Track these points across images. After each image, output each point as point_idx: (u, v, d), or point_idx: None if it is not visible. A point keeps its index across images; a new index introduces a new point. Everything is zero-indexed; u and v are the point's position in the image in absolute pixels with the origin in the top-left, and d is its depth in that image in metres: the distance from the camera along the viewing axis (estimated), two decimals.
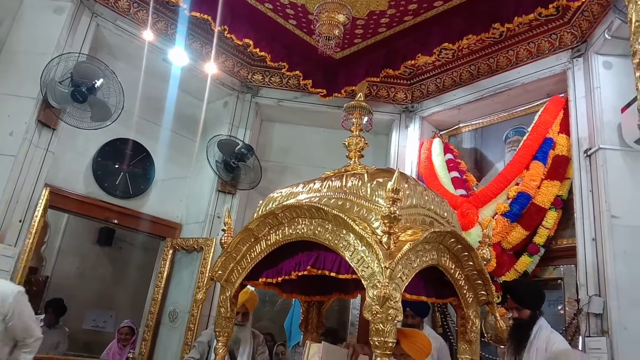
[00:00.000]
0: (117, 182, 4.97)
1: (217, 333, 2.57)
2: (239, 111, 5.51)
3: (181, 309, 4.79)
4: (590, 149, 4.01)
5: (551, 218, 4.23)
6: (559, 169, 4.30)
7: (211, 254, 4.77)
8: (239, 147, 5.28)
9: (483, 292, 2.35)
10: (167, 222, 5.24)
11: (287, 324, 5.22)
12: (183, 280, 4.94)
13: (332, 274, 2.24)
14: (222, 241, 2.63)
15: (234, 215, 5.08)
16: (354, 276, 2.11)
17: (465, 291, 2.31)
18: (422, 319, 3.83)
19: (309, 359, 2.52)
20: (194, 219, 5.27)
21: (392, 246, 1.94)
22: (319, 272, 2.29)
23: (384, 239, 1.94)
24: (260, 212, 2.55)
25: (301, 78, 5.26)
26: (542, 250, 4.23)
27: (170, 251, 5.02)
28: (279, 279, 2.47)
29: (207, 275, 4.54)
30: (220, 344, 2.58)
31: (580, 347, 3.56)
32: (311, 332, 3.16)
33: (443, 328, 4.49)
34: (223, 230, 2.70)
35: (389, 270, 1.88)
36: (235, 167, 5.19)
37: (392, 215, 1.92)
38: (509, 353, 3.12)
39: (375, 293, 1.88)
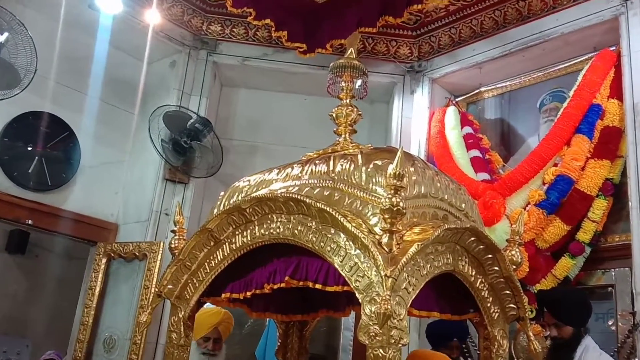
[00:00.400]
0: (29, 171, 4.91)
1: None
2: (191, 74, 5.47)
3: (120, 335, 4.78)
4: None
5: (599, 208, 4.31)
6: (609, 144, 4.37)
7: (158, 262, 4.76)
8: (192, 121, 5.25)
9: (512, 305, 2.37)
10: (98, 221, 5.21)
11: (260, 351, 5.26)
12: (121, 297, 4.92)
13: (317, 286, 2.24)
14: (172, 246, 2.62)
15: (188, 212, 5.07)
16: (345, 288, 2.12)
17: (489, 304, 2.34)
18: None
19: None
20: (133, 217, 5.25)
21: (394, 248, 1.94)
22: (300, 284, 2.30)
23: (384, 240, 1.95)
24: (222, 207, 2.54)
25: (273, 29, 5.23)
26: (588, 250, 4.31)
27: (104, 260, 5.01)
28: (248, 293, 2.47)
29: (153, 290, 4.54)
30: None
31: None
32: None
33: (462, 353, 4.57)
34: (173, 231, 2.69)
35: (390, 279, 1.89)
36: (188, 147, 5.17)
37: (395, 209, 1.93)
38: None
39: (373, 309, 1.89)
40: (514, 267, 2.36)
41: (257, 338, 5.25)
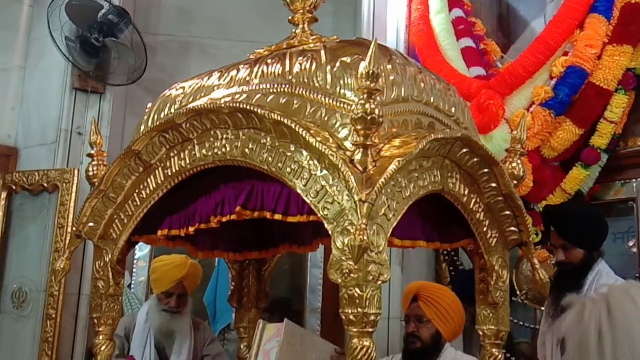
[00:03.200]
0: None
1: (96, 321, 2.63)
2: None
3: (32, 287, 4.81)
4: None
5: (618, 106, 4.39)
6: (631, 25, 4.40)
7: (72, 195, 4.74)
8: (103, 12, 5.10)
9: (513, 229, 2.46)
10: None
11: (209, 297, 5.38)
12: (30, 240, 4.92)
13: (277, 217, 2.29)
14: (90, 174, 2.62)
15: (106, 130, 5.01)
16: (311, 218, 2.17)
17: (485, 228, 2.42)
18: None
19: (262, 346, 2.64)
20: (37, 138, 5.18)
21: (369, 166, 1.97)
22: (255, 214, 2.34)
23: (357, 156, 1.97)
24: (150, 123, 2.53)
25: None
26: (604, 158, 4.42)
27: (3, 194, 4.96)
28: (191, 229, 2.50)
29: (69, 230, 4.55)
30: (102, 337, 2.64)
31: None
32: (248, 307, 3.28)
33: (452, 285, 4.72)
34: (90, 155, 2.68)
35: (366, 204, 1.92)
36: (101, 46, 5.04)
37: (369, 117, 1.94)
38: (547, 314, 3.34)
39: (346, 241, 1.94)
40: (515, 182, 2.44)
41: (204, 283, 5.34)
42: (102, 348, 2.65)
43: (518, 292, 4.48)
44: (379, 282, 1.98)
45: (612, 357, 2.69)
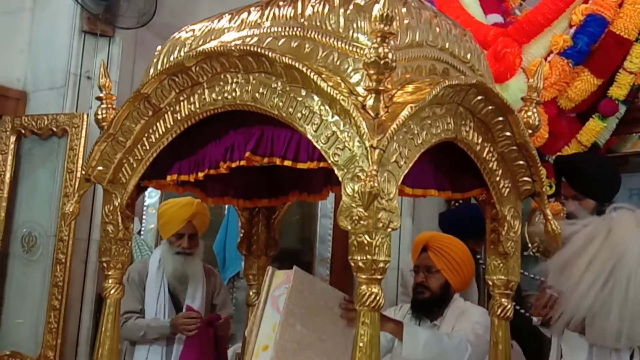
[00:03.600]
0: None
1: (105, 265, 2.66)
2: None
3: (42, 232, 4.87)
4: None
5: (638, 56, 4.33)
6: None
7: (82, 139, 4.76)
8: None
9: (526, 179, 2.45)
10: (0, 89, 5.12)
11: (219, 246, 5.43)
12: (39, 185, 4.96)
13: (287, 163, 2.28)
14: (99, 117, 2.62)
15: (116, 73, 5.01)
16: (321, 164, 2.17)
17: (498, 178, 2.41)
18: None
19: (271, 292, 2.66)
20: (46, 82, 5.18)
21: (382, 112, 1.96)
22: (265, 160, 2.34)
23: (369, 102, 1.96)
24: (160, 66, 2.52)
25: None
26: (622, 109, 4.39)
27: (12, 138, 4.99)
28: (200, 174, 2.50)
29: (79, 174, 4.57)
30: (111, 281, 2.67)
31: None
32: (257, 255, 3.30)
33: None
34: (99, 98, 2.67)
35: (377, 151, 1.92)
36: None
37: (382, 62, 1.92)
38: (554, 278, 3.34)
39: (356, 188, 1.94)
40: (530, 131, 2.42)
41: (214, 231, 5.39)
42: (112, 292, 2.68)
43: (530, 246, 4.50)
44: (389, 230, 1.99)
45: (614, 286, 2.73)
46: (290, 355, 2.52)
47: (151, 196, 5.38)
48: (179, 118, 2.44)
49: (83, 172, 2.67)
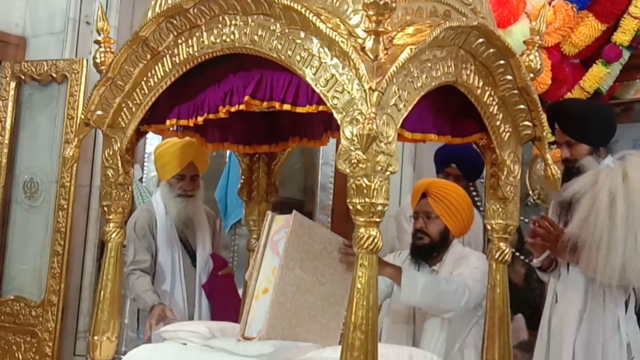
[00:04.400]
0: None
1: (106, 209, 2.68)
2: None
3: (43, 178, 4.89)
4: None
5: None
6: None
7: (82, 85, 4.74)
8: None
9: (527, 123, 2.45)
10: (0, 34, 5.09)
11: (220, 193, 5.44)
12: (40, 131, 4.96)
13: (286, 107, 2.28)
14: (98, 61, 2.61)
15: (115, 18, 4.95)
16: (320, 108, 2.16)
17: (499, 122, 2.41)
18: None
19: (270, 237, 2.68)
20: (45, 27, 5.13)
21: (381, 54, 1.95)
22: (264, 104, 2.33)
23: (369, 44, 1.95)
24: (157, 9, 2.48)
25: None
26: (627, 55, 4.35)
27: (12, 84, 4.97)
28: (200, 118, 2.51)
29: (79, 120, 4.56)
30: (112, 225, 2.70)
31: None
32: (258, 201, 3.32)
33: (466, 187, 4.75)
34: (97, 42, 2.66)
35: (376, 93, 1.92)
36: None
37: (382, 3, 1.90)
38: (553, 214, 3.35)
39: (355, 131, 1.94)
40: (532, 75, 2.41)
41: (214, 179, 5.40)
42: (113, 236, 2.71)
43: (530, 192, 4.51)
44: (388, 173, 1.99)
45: (624, 222, 2.75)
46: (289, 298, 2.55)
47: (152, 143, 5.37)
48: (177, 61, 2.43)
49: (82, 117, 2.67)
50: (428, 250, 3.21)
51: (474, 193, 4.72)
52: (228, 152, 5.02)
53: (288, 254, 2.55)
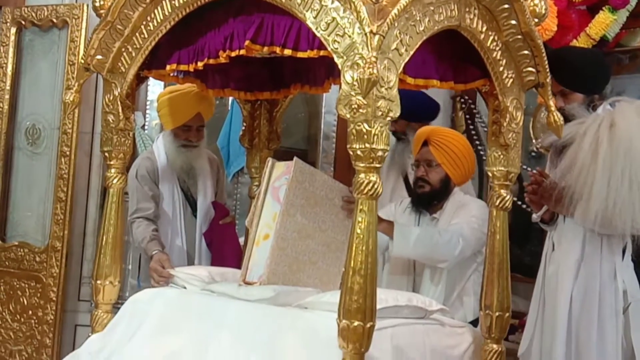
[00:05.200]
0: None
1: (107, 154, 2.69)
2: None
3: (45, 125, 4.88)
4: None
5: None
6: None
7: (82, 31, 4.69)
8: None
9: (531, 69, 2.44)
10: None
11: (223, 141, 5.41)
12: (41, 77, 4.92)
13: (287, 52, 2.27)
14: (97, 4, 2.59)
15: None
16: (321, 53, 2.15)
17: (502, 68, 2.39)
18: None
19: (271, 183, 2.68)
20: None
21: None
22: (265, 49, 2.32)
23: None
24: None
25: None
26: (634, 1, 4.26)
27: (12, 29, 4.91)
28: (200, 64, 2.49)
29: (79, 64, 4.52)
30: (114, 171, 2.71)
31: None
32: (260, 148, 3.32)
33: (468, 133, 4.73)
34: None
35: (377, 37, 1.90)
36: None
37: None
38: (551, 162, 3.31)
39: (355, 75, 1.93)
40: (536, 20, 2.38)
41: (216, 128, 5.37)
42: (114, 181, 2.73)
43: (534, 141, 4.49)
44: (388, 119, 1.99)
45: (607, 168, 2.74)
46: (290, 244, 2.57)
47: (154, 91, 5.32)
48: (177, 5, 2.41)
49: (82, 62, 2.66)
50: (429, 198, 3.20)
51: (477, 142, 4.70)
52: (231, 99, 4.97)
53: (289, 200, 2.56)
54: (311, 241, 2.58)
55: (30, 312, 4.63)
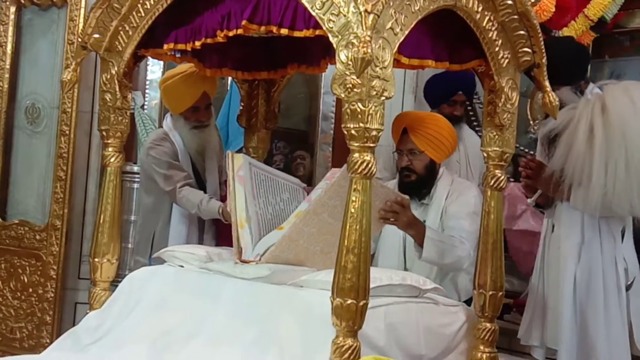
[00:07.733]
0: None
1: (104, 133, 2.69)
2: None
3: (45, 104, 4.87)
4: None
5: None
6: None
7: (82, 10, 4.66)
8: None
9: (526, 50, 2.43)
10: None
11: (222, 121, 5.40)
12: (41, 56, 4.91)
13: (283, 32, 2.26)
14: None
15: None
16: (317, 32, 2.14)
17: (497, 48, 2.39)
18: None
19: (236, 172, 2.71)
20: None
21: None
22: (262, 29, 2.31)
23: None
24: None
25: None
26: None
27: (12, 8, 4.89)
28: (197, 43, 2.49)
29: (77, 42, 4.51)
30: (111, 149, 2.71)
31: None
32: (257, 127, 3.32)
33: (466, 113, 4.70)
34: None
35: (372, 16, 1.90)
36: None
37: None
38: (541, 145, 3.29)
39: (350, 55, 1.92)
40: (532, 0, 2.37)
41: (216, 107, 5.36)
42: (112, 160, 2.74)
43: (531, 122, 4.49)
44: (383, 98, 1.98)
45: (602, 153, 2.74)
46: (305, 237, 2.55)
47: (154, 71, 5.31)
48: None
49: (80, 41, 2.65)
50: (416, 186, 3.11)
51: (473, 118, 4.69)
52: (229, 80, 4.97)
53: (320, 201, 2.54)
54: (331, 236, 2.51)
55: (30, 289, 4.65)
